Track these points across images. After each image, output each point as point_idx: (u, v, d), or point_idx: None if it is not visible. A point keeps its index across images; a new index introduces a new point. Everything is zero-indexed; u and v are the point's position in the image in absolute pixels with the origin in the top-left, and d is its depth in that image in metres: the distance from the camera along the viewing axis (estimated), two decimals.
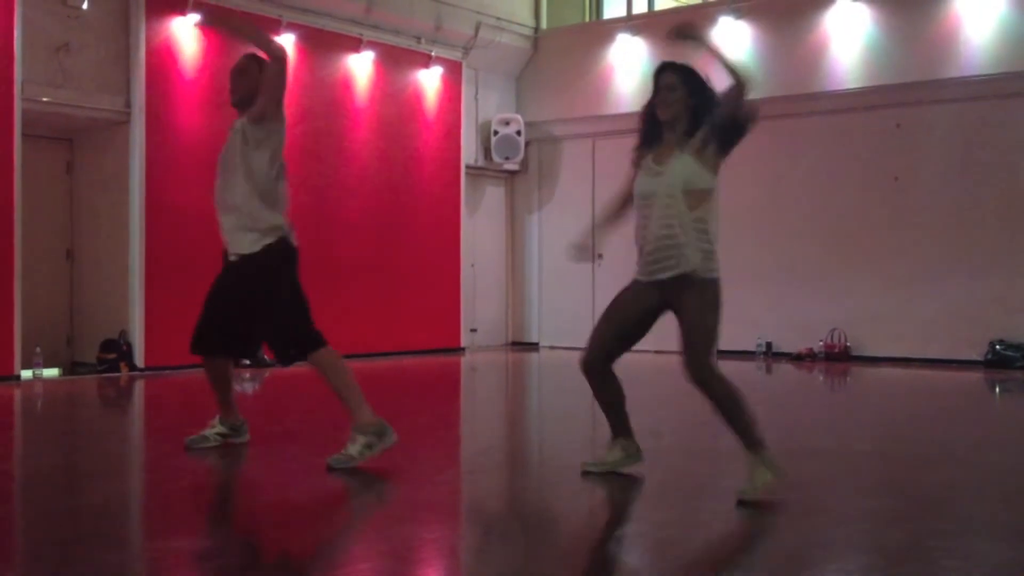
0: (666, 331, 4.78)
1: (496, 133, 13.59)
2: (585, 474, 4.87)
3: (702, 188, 4.49)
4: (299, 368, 5.29)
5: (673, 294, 4.51)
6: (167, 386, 9.28)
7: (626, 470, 4.88)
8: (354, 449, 4.93)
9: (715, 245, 4.53)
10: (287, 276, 5.13)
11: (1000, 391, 9.41)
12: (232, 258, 5.19)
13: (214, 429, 5.51)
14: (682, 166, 4.49)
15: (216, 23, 8.72)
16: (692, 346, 4.43)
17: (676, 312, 4.55)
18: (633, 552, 3.81)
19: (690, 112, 4.54)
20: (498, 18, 13.37)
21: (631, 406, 4.91)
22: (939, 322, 11.15)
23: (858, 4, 11.56)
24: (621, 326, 4.73)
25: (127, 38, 10.02)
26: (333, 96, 11.56)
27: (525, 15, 13.91)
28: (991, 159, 10.99)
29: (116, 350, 9.92)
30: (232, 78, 5.39)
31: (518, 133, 13.61)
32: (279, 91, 5.16)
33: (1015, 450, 6.07)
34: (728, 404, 4.42)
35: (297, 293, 5.12)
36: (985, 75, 10.91)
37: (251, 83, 5.26)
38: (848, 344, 11.63)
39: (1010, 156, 10.92)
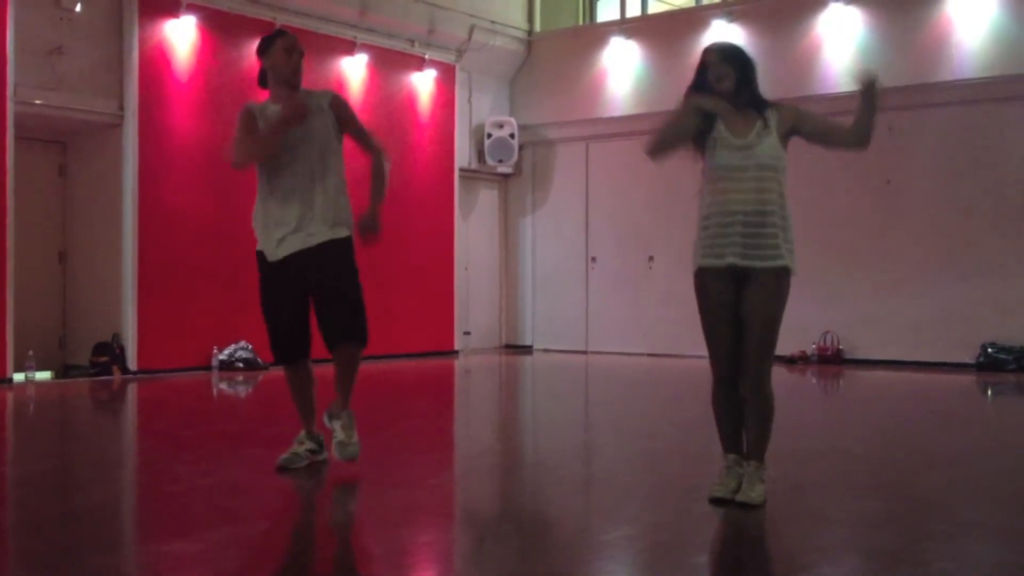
0: (661, 334, 4.77)
1: (490, 136, 13.60)
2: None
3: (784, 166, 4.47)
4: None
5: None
6: (159, 389, 9.26)
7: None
8: (355, 435, 4.97)
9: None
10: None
11: (992, 394, 9.43)
12: (308, 243, 4.92)
13: (304, 446, 5.07)
14: (770, 143, 4.44)
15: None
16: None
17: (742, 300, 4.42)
18: (627, 555, 3.81)
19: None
20: (492, 21, 13.38)
21: (627, 407, 4.90)
22: (931, 325, 11.17)
23: (850, 8, 11.60)
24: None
25: (120, 41, 10.02)
26: None
27: (518, 18, 13.93)
28: (983, 162, 11.02)
29: (109, 353, 9.90)
30: (293, 56, 5.04)
31: (512, 136, 13.62)
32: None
33: (1008, 453, 6.08)
34: (767, 413, 4.43)
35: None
36: (977, 79, 10.95)
37: (301, 62, 5.09)
38: (841, 347, 11.66)
39: (1002, 159, 10.95)
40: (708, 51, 4.56)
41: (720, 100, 4.47)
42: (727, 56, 4.51)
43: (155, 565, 3.57)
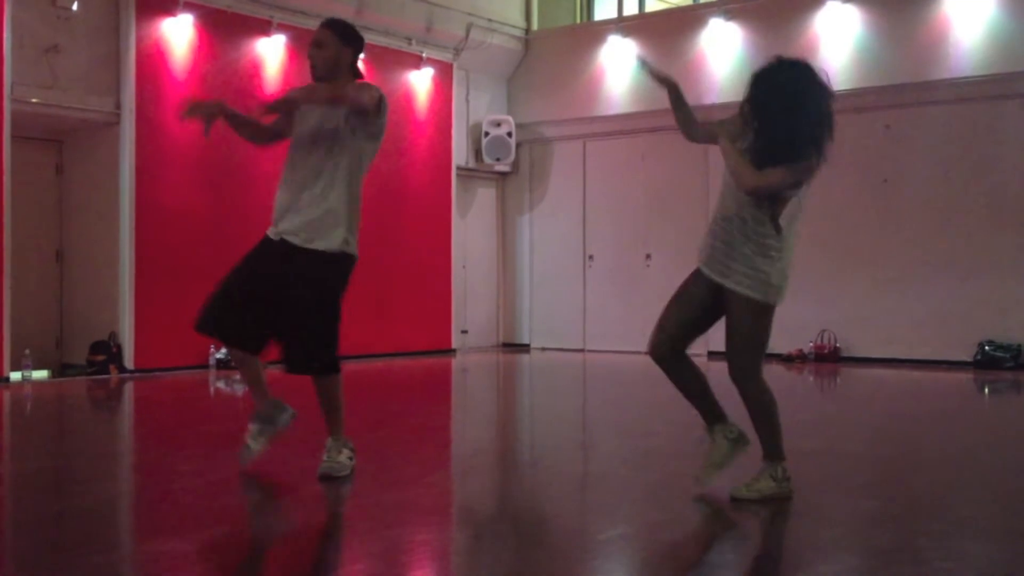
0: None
1: (487, 134, 13.59)
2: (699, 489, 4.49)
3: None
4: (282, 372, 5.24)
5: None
6: (157, 388, 9.25)
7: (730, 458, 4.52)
8: (343, 457, 4.87)
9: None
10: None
11: (989, 392, 9.43)
12: (297, 243, 4.74)
13: (252, 428, 4.97)
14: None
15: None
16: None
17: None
18: (625, 554, 3.81)
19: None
20: (489, 19, 13.37)
21: (624, 405, 4.90)
22: (928, 323, 11.18)
23: (848, 6, 11.60)
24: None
25: (117, 39, 10.00)
26: None
27: (516, 16, 13.92)
28: (980, 161, 11.03)
29: (106, 352, 9.89)
30: (311, 53, 4.92)
31: (509, 134, 13.61)
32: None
33: (1005, 451, 6.09)
34: (760, 408, 4.45)
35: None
36: (974, 77, 10.95)
37: (330, 54, 4.88)
38: (838, 345, 11.66)
39: (999, 158, 10.95)
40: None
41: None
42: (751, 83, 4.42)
43: (150, 564, 3.57)
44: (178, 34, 10.31)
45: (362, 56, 5.26)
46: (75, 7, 9.64)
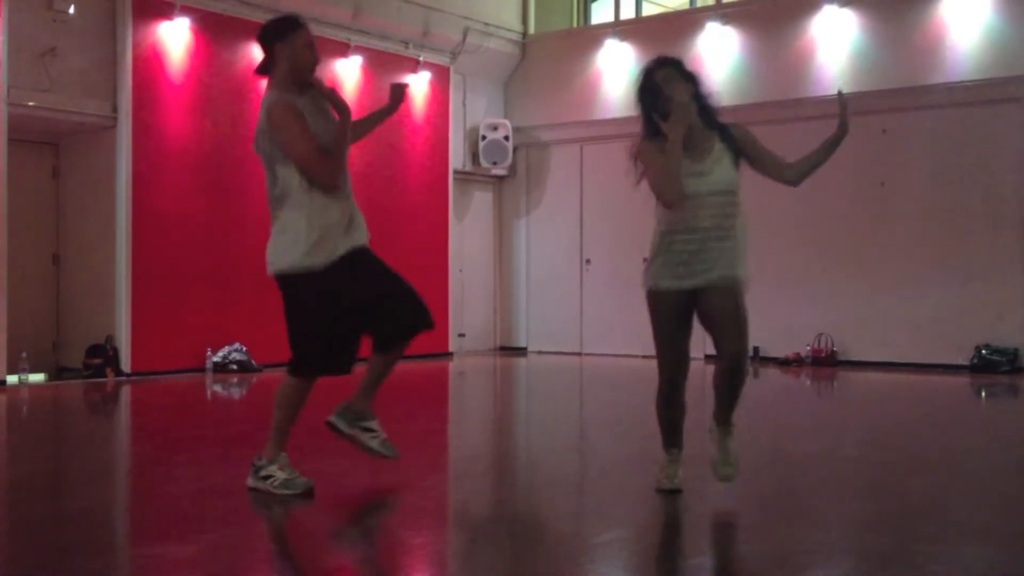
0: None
1: (484, 138, 13.60)
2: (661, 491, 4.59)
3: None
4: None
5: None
6: (153, 391, 9.24)
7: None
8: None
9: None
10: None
11: (986, 396, 9.44)
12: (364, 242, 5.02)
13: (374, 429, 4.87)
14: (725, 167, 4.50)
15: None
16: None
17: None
18: (620, 557, 3.81)
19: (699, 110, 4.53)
20: (486, 23, 13.38)
21: (621, 408, 4.91)
22: (925, 327, 11.18)
23: (844, 10, 11.61)
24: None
25: (114, 43, 10.00)
26: None
27: (513, 20, 13.93)
28: (977, 164, 11.04)
29: (102, 355, 9.88)
30: (314, 52, 5.16)
31: (506, 138, 13.62)
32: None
33: (1000, 455, 6.09)
34: (741, 385, 4.50)
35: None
36: (970, 81, 10.97)
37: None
38: (835, 349, 11.66)
39: (995, 161, 10.97)
40: (658, 68, 4.55)
41: (683, 123, 4.45)
42: (683, 73, 4.54)
43: (147, 568, 3.57)
44: (175, 37, 10.32)
45: (359, 60, 5.41)
46: (72, 10, 9.64)
